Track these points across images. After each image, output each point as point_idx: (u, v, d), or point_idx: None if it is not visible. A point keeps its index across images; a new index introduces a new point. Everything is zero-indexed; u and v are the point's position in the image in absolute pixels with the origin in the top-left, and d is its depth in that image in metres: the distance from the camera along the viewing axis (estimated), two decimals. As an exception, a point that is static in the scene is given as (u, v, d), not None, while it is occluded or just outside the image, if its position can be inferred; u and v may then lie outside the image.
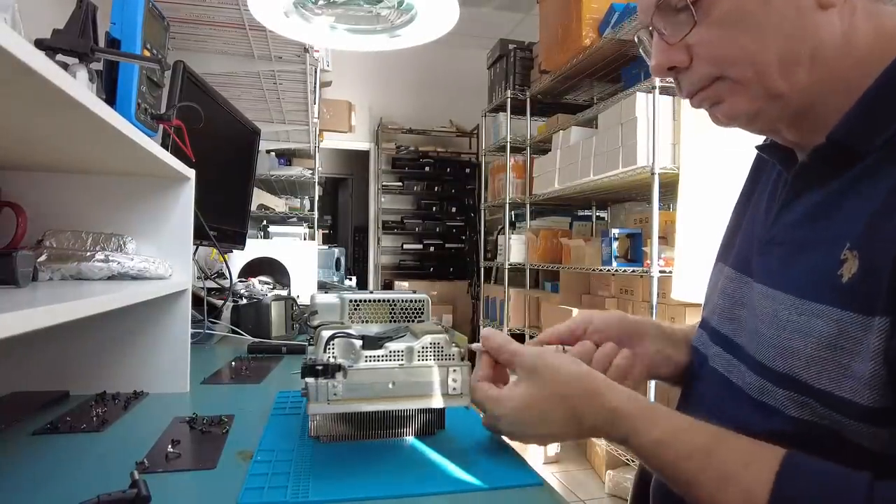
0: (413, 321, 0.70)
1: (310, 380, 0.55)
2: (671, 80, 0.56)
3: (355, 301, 0.68)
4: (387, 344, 0.59)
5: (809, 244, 0.49)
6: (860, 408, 0.42)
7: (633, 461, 2.38)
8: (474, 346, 0.67)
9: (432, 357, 0.60)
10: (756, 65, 0.49)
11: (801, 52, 0.48)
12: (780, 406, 0.48)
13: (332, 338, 0.58)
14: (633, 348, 0.67)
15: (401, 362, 0.59)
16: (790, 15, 0.47)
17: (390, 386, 0.58)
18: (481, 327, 4.34)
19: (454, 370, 0.60)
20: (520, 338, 3.72)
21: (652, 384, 2.50)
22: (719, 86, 0.52)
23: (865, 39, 0.48)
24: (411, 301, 0.70)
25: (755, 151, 0.64)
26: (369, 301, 0.69)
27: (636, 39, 0.60)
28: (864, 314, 0.42)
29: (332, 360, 0.58)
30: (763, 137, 0.60)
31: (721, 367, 0.58)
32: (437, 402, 0.60)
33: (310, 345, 0.65)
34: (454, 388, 0.60)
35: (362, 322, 0.68)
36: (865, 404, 0.42)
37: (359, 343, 0.58)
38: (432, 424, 0.65)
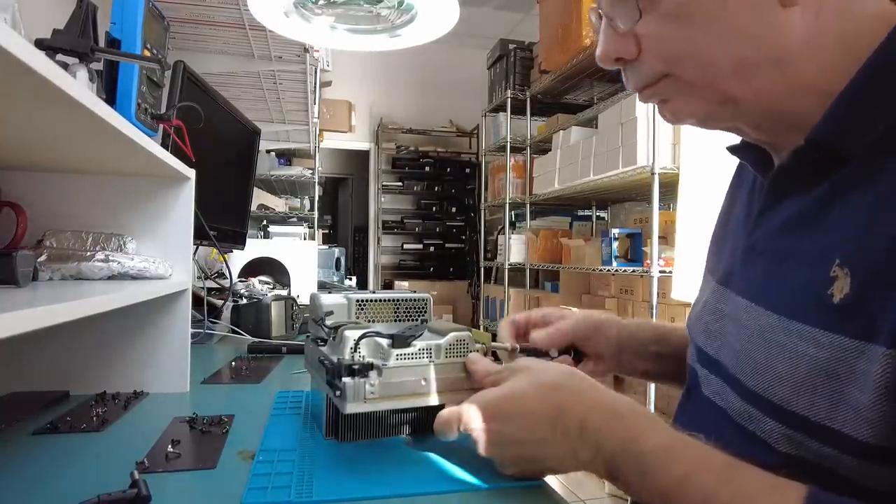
0: (416, 320, 0.70)
1: (347, 380, 0.55)
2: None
3: (361, 301, 0.68)
4: (414, 342, 0.59)
5: (794, 256, 0.45)
6: (858, 444, 0.37)
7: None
8: (502, 346, 0.68)
9: (458, 353, 0.60)
10: (708, 66, 0.44)
11: (760, 56, 0.43)
12: (769, 439, 0.44)
13: (361, 337, 0.58)
14: (593, 347, 0.69)
15: (430, 359, 0.59)
16: (748, 13, 0.42)
17: (422, 383, 0.58)
18: (482, 327, 4.34)
19: None
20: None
21: (651, 392, 2.50)
22: (668, 83, 0.47)
23: (840, 36, 0.43)
24: (414, 300, 0.70)
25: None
26: (374, 301, 0.69)
27: (590, 19, 0.54)
28: (860, 339, 0.37)
29: (362, 359, 0.57)
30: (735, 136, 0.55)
31: (710, 391, 0.54)
32: (465, 396, 0.60)
33: (319, 345, 0.65)
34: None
35: (368, 321, 0.68)
36: (863, 440, 0.37)
37: (387, 342, 0.58)
38: None
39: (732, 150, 0.56)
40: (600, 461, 0.44)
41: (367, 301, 0.69)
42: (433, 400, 0.59)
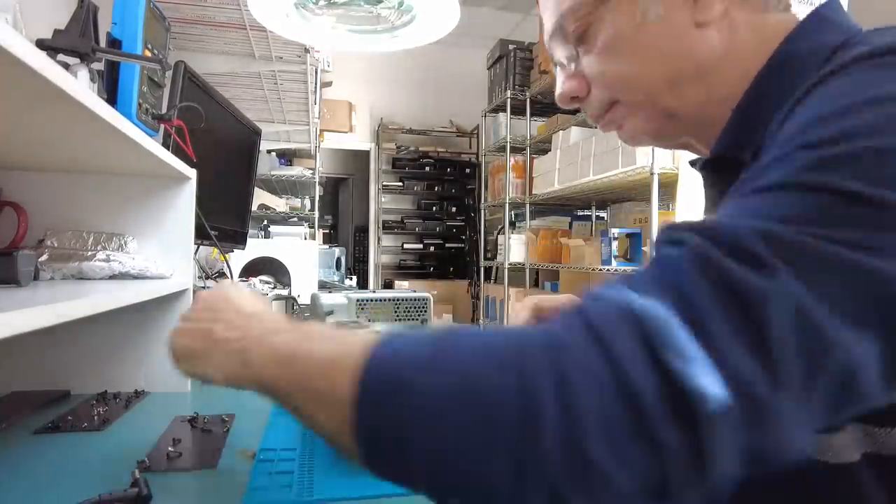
0: (416, 320, 0.70)
1: None
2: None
3: (362, 300, 0.69)
4: None
5: None
6: None
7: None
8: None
9: None
10: (644, 87, 0.50)
11: (686, 71, 0.48)
12: None
13: None
14: None
15: None
16: (666, 36, 0.48)
17: None
18: (481, 325, 4.34)
19: None
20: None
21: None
22: (617, 110, 0.53)
23: (752, 51, 0.47)
24: (415, 300, 0.71)
25: None
26: (375, 300, 0.69)
27: (553, 71, 0.62)
28: None
29: None
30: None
31: None
32: None
33: None
34: None
35: (368, 321, 0.69)
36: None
37: None
38: None
39: (692, 163, 0.61)
40: (263, 331, 0.42)
41: (367, 300, 0.69)
42: None
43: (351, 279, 3.31)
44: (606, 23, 0.50)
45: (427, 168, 5.79)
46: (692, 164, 0.62)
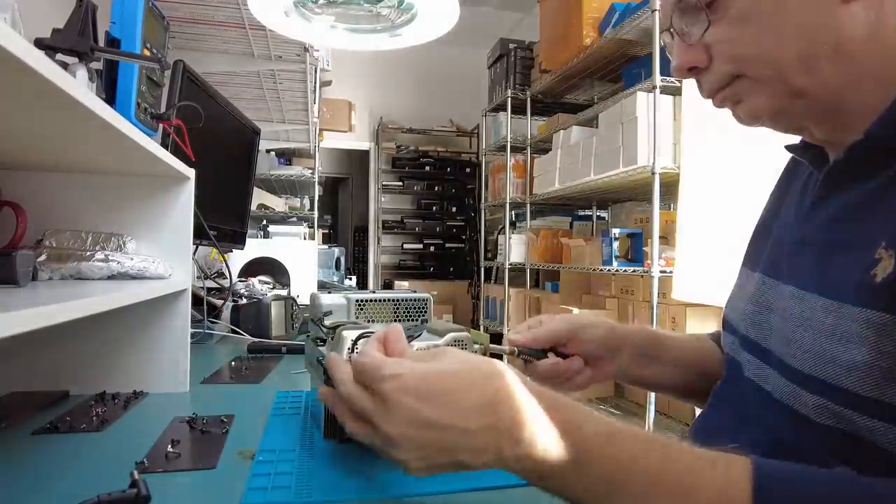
0: (416, 320, 0.70)
1: None
2: (694, 80, 0.55)
3: (361, 301, 0.68)
4: (412, 342, 0.58)
5: (844, 245, 0.47)
6: None
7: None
8: (501, 348, 0.67)
9: None
10: (775, 62, 0.47)
11: (823, 48, 0.46)
12: (811, 414, 0.46)
13: (359, 338, 0.58)
14: (575, 348, 0.70)
15: None
16: (808, 9, 0.46)
17: None
18: (482, 327, 4.34)
19: None
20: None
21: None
22: (739, 84, 0.51)
23: None
24: (414, 300, 0.70)
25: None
26: (374, 301, 0.69)
27: (662, 43, 0.60)
28: None
29: None
30: (793, 137, 0.58)
31: (753, 374, 0.56)
32: None
33: (318, 345, 0.65)
34: None
35: (367, 321, 0.68)
36: None
37: None
38: None
39: (791, 148, 0.59)
40: (531, 458, 0.39)
41: (366, 301, 0.68)
42: None
43: (350, 279, 3.31)
44: None
45: (427, 168, 5.79)
46: (791, 148, 0.58)
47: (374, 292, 0.70)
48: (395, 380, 0.40)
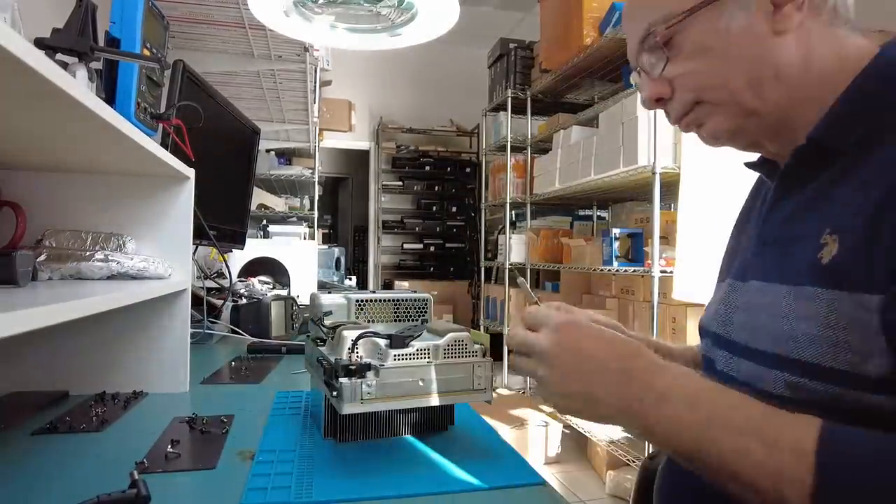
0: (416, 320, 0.70)
1: (344, 380, 0.55)
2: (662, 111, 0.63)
3: (361, 301, 0.68)
4: (412, 342, 0.59)
5: (798, 237, 0.54)
6: (863, 379, 0.45)
7: (634, 461, 2.37)
8: (519, 280, 0.70)
9: (456, 354, 0.60)
10: (727, 87, 0.55)
11: (766, 73, 0.54)
12: (772, 389, 0.51)
13: (359, 338, 0.58)
14: None
15: (428, 360, 0.59)
16: (749, 43, 0.54)
17: (420, 383, 0.58)
18: (482, 327, 4.34)
19: (479, 366, 0.61)
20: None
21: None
22: (700, 109, 0.58)
23: (827, 59, 0.54)
24: (414, 300, 0.70)
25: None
26: (374, 301, 0.69)
27: (633, 83, 0.67)
28: (848, 291, 0.46)
29: (360, 359, 0.57)
30: (753, 155, 0.66)
31: (724, 367, 0.60)
32: (463, 397, 0.60)
33: (318, 345, 0.65)
34: (479, 384, 0.61)
35: (368, 321, 0.68)
36: (867, 375, 0.45)
37: (385, 342, 0.58)
38: (444, 420, 0.66)
39: (749, 165, 0.67)
40: (651, 399, 0.48)
41: (366, 301, 0.68)
42: (432, 401, 0.59)
43: (350, 279, 3.31)
44: (693, 30, 0.55)
45: (427, 167, 5.78)
46: (750, 165, 0.67)
47: (374, 292, 0.70)
48: (545, 355, 0.53)
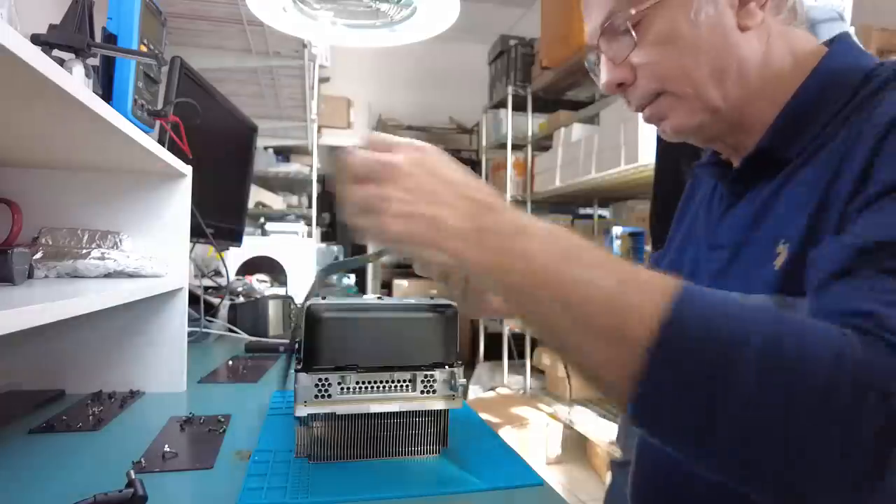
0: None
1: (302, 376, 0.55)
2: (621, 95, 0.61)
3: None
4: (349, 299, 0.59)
5: (749, 244, 0.55)
6: None
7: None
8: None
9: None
10: (692, 79, 0.54)
11: (729, 68, 0.53)
12: None
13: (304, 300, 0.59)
14: None
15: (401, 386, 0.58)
16: (716, 35, 0.53)
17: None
18: (482, 327, 4.34)
19: (448, 371, 0.60)
20: (521, 338, 3.72)
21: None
22: (662, 101, 0.57)
23: (783, 58, 0.54)
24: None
25: None
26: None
27: (585, 63, 0.64)
28: (794, 296, 0.47)
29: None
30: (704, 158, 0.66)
31: None
32: (431, 403, 0.59)
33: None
34: (449, 391, 0.59)
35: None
36: None
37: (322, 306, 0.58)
38: (438, 441, 0.61)
39: (700, 167, 0.66)
40: (508, 231, 0.42)
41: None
42: (395, 406, 0.58)
43: (349, 278, 3.30)
44: (661, 17, 0.53)
45: (426, 165, 5.77)
46: (700, 166, 0.66)
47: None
48: (416, 148, 0.45)
